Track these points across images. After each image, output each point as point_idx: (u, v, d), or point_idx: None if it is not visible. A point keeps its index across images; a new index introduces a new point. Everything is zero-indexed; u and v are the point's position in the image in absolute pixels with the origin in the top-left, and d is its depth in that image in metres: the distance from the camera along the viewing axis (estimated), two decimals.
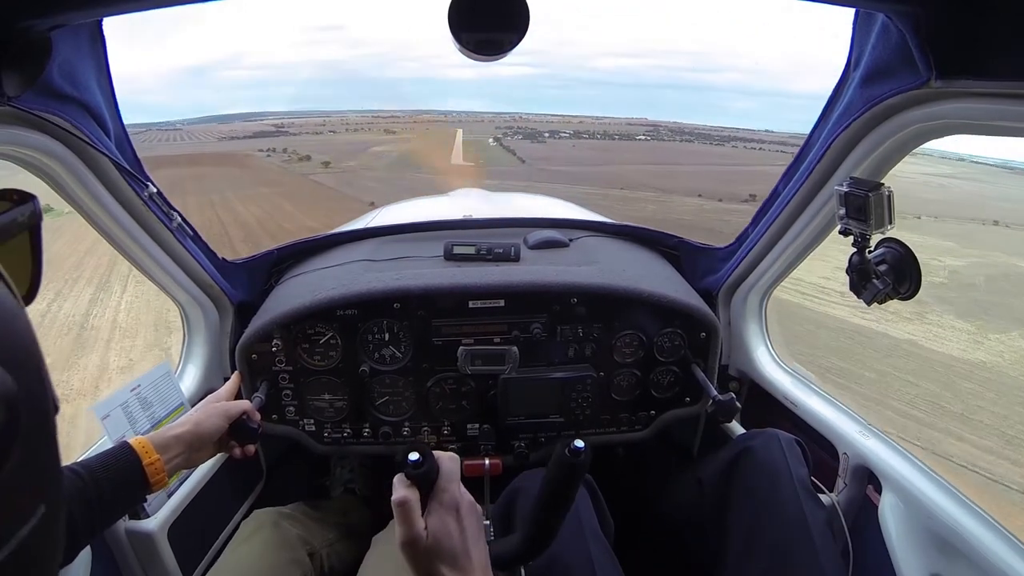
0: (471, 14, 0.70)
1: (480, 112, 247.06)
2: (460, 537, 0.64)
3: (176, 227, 1.22)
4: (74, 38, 0.85)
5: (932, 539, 1.00)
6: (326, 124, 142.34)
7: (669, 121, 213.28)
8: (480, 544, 0.67)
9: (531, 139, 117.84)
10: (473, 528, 0.67)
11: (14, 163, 0.92)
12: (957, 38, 0.73)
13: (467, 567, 0.64)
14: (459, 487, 0.68)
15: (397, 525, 0.64)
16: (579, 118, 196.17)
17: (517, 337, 1.36)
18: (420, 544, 0.63)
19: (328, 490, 1.76)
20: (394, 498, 0.64)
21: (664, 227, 1.77)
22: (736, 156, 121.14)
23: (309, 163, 77.10)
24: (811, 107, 1.12)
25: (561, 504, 0.77)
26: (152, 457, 0.88)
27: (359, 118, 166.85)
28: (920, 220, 26.68)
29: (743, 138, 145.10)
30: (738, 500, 1.13)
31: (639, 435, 1.48)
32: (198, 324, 1.45)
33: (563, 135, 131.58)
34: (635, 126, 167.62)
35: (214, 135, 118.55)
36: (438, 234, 1.73)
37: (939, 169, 61.03)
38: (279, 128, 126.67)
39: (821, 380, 1.41)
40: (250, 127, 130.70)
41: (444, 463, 0.68)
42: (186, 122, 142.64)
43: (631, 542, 1.26)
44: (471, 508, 0.68)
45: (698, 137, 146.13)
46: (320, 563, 1.32)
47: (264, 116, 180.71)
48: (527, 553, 0.81)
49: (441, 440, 1.45)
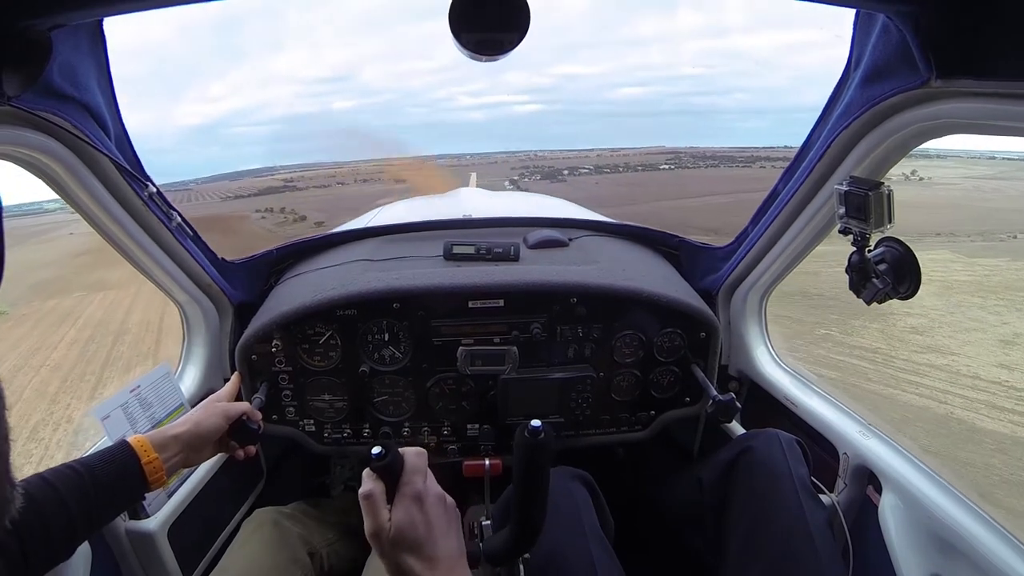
0: (471, 14, 0.70)
1: (493, 152, 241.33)
2: (425, 527, 0.65)
3: (176, 227, 1.22)
4: (74, 38, 0.85)
5: (932, 539, 0.99)
6: (335, 175, 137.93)
7: (686, 147, 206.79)
8: (450, 534, 0.68)
9: (550, 178, 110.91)
10: (439, 518, 0.68)
11: (14, 163, 0.92)
12: (957, 38, 0.73)
13: (433, 555, 0.65)
14: (424, 479, 0.69)
15: (364, 517, 0.66)
16: (596, 151, 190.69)
17: (517, 337, 1.36)
18: (384, 535, 0.64)
19: (328, 489, 1.76)
20: (360, 491, 0.66)
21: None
22: (770, 177, 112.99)
23: (304, 223, 75.70)
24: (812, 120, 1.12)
25: (536, 488, 0.77)
26: (151, 456, 0.89)
27: (370, 167, 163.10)
28: (1017, 239, 20.90)
29: (767, 157, 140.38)
30: (738, 500, 1.13)
31: (639, 435, 1.48)
32: (198, 325, 1.45)
33: (583, 171, 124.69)
34: (654, 155, 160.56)
35: (223, 193, 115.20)
36: (438, 234, 1.73)
37: (977, 171, 56.36)
38: (287, 183, 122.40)
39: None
40: (259, 183, 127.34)
41: (409, 457, 0.69)
42: (199, 181, 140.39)
43: (631, 542, 1.26)
44: (438, 499, 0.69)
45: (722, 160, 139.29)
46: (320, 562, 1.32)
47: (275, 171, 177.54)
48: (518, 544, 0.82)
49: (441, 440, 1.45)
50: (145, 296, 18.50)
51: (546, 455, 0.75)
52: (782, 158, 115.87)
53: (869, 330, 11.04)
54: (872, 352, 10.16)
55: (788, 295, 8.80)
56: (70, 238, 31.59)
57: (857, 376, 8.93)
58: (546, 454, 0.74)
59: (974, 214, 23.72)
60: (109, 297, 20.63)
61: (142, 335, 16.60)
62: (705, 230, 53.06)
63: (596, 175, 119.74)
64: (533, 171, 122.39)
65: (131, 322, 17.94)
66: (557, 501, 1.09)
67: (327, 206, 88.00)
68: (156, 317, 17.15)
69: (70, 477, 0.81)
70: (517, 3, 0.69)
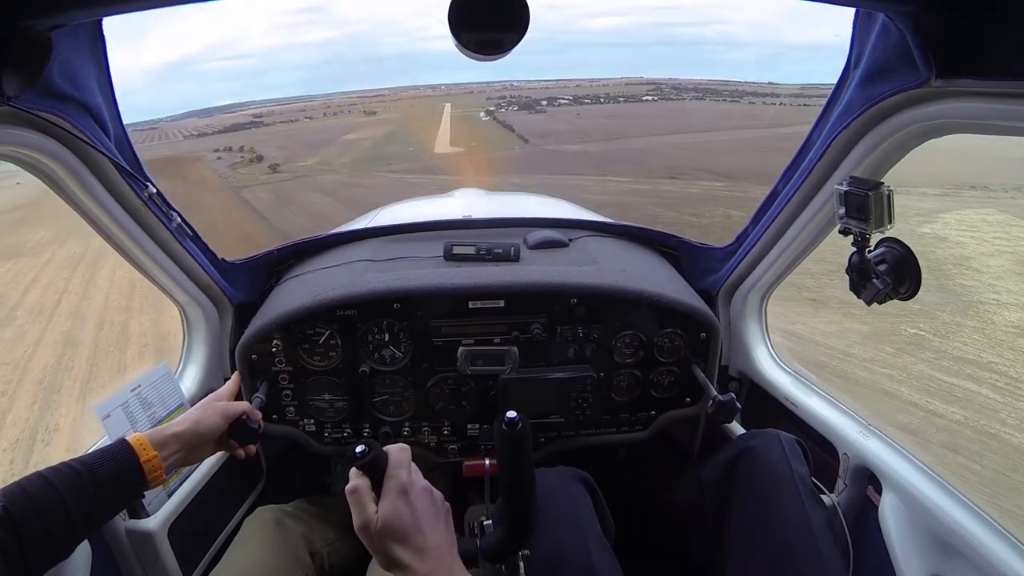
0: (471, 14, 0.70)
1: (469, 83, 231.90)
2: (411, 517, 0.67)
3: (176, 227, 1.22)
4: (74, 38, 0.85)
5: (932, 539, 0.99)
6: (305, 110, 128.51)
7: (666, 78, 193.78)
8: (437, 525, 0.70)
9: (528, 109, 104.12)
10: (426, 508, 0.70)
11: (14, 163, 0.92)
12: (957, 38, 0.73)
13: (421, 544, 0.66)
14: (408, 472, 0.71)
15: (352, 511, 0.68)
16: (575, 81, 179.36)
17: (517, 337, 1.36)
18: (371, 527, 0.66)
19: (329, 488, 1.76)
20: (347, 487, 0.68)
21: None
22: (762, 115, 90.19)
23: (261, 164, 63.64)
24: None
25: (522, 478, 0.78)
26: (149, 454, 0.89)
27: (342, 99, 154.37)
28: None
29: (754, 92, 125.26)
30: (739, 500, 1.13)
31: (639, 435, 1.48)
32: (198, 324, 1.46)
33: (562, 101, 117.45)
34: (634, 86, 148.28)
35: (188, 131, 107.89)
36: (438, 234, 1.73)
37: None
38: (255, 118, 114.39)
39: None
40: (227, 120, 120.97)
41: (392, 452, 0.72)
42: (169, 119, 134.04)
43: (632, 542, 1.26)
44: (424, 491, 0.71)
45: (706, 93, 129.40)
46: (321, 562, 1.33)
47: (246, 106, 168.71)
48: (513, 538, 0.82)
49: (441, 440, 1.45)
50: (54, 268, 16.50)
51: (526, 444, 0.75)
52: (769, 94, 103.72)
53: (966, 330, 8.90)
54: (987, 370, 7.70)
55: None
56: (16, 188, 29.18)
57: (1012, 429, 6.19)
58: (526, 442, 0.75)
59: (999, 165, 21.35)
60: (13, 269, 18.19)
61: (27, 325, 13.95)
62: (715, 173, 39.92)
63: (576, 106, 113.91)
64: (510, 102, 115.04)
65: (25, 303, 15.44)
66: (558, 502, 1.09)
67: (289, 143, 79.36)
68: (53, 300, 15.03)
69: (69, 476, 0.81)
70: (517, 2, 0.69)
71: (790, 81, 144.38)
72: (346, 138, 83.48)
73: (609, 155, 59.45)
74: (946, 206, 16.94)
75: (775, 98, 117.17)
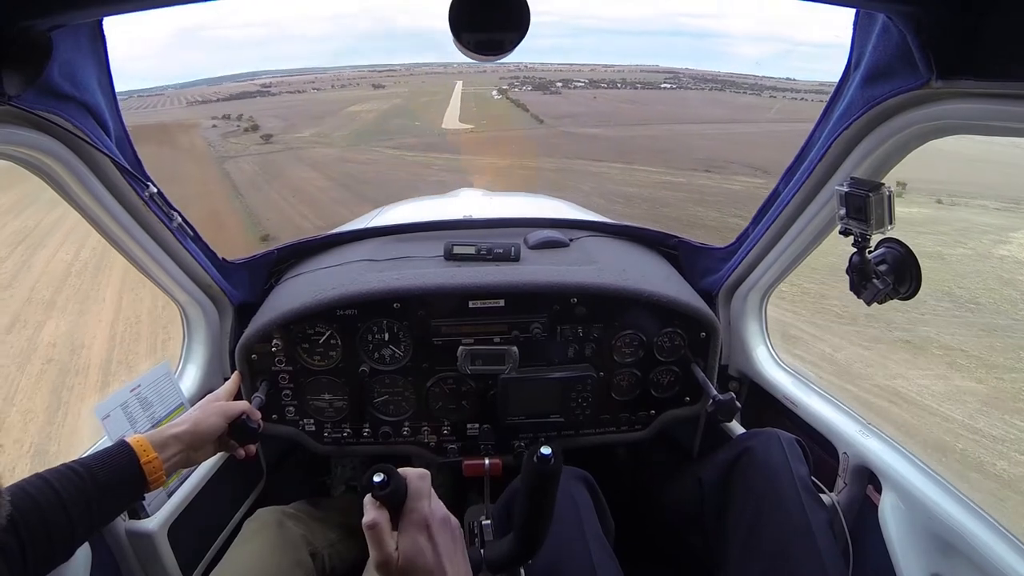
0: (471, 14, 0.70)
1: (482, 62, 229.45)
2: (433, 553, 0.64)
3: (176, 227, 1.22)
4: (74, 38, 0.85)
5: (932, 539, 1.00)
6: (315, 81, 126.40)
7: (684, 68, 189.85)
8: (456, 558, 0.67)
9: (542, 90, 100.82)
10: (446, 543, 0.66)
11: (14, 163, 0.92)
12: (957, 38, 0.73)
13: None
14: (429, 503, 0.67)
15: (370, 548, 0.64)
16: (589, 66, 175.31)
17: (517, 337, 1.36)
18: (392, 565, 0.63)
19: (329, 488, 1.76)
20: (364, 521, 0.64)
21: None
22: (787, 108, 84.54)
23: (255, 133, 59.54)
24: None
25: (542, 508, 0.78)
26: (150, 455, 0.89)
27: (353, 73, 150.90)
28: None
29: (774, 87, 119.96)
30: (739, 500, 1.13)
31: (639, 435, 1.48)
32: (198, 324, 1.45)
33: (577, 84, 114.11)
34: (652, 73, 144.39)
35: (191, 99, 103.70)
36: (438, 234, 1.73)
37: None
38: (262, 88, 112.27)
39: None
40: (234, 88, 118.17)
41: (412, 481, 0.67)
42: (176, 87, 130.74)
43: (631, 542, 1.26)
44: (444, 523, 0.68)
45: (726, 85, 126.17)
46: (322, 563, 1.32)
47: (257, 76, 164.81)
48: (520, 557, 0.83)
49: (441, 440, 1.45)
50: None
51: (554, 481, 0.75)
52: (788, 89, 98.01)
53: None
54: None
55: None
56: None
57: None
58: (554, 480, 0.74)
59: (1007, 174, 19.85)
60: None
61: None
62: (754, 168, 37.96)
63: (592, 89, 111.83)
64: (524, 81, 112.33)
65: None
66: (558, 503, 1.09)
67: (290, 113, 75.50)
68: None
69: (70, 478, 0.81)
70: (517, 3, 0.69)
71: (806, 78, 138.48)
72: (349, 110, 79.48)
73: (633, 141, 55.99)
74: (1013, 224, 15.05)
75: (795, 93, 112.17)
